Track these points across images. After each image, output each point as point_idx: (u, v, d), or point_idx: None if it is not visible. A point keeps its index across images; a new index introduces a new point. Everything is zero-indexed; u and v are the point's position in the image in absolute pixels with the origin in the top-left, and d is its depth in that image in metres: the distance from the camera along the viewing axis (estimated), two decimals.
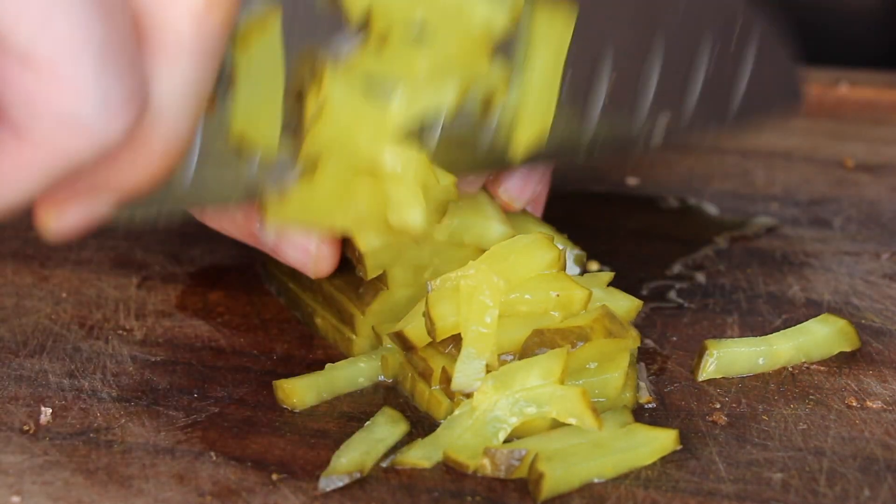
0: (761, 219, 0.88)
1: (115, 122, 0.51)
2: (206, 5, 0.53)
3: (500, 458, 0.62)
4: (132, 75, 0.52)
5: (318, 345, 0.73)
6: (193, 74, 0.54)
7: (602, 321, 0.66)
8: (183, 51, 0.53)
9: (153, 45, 0.53)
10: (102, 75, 0.50)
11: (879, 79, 1.09)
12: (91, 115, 0.51)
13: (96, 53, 0.50)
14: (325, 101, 0.65)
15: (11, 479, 0.62)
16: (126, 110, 0.52)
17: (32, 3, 0.49)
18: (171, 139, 0.55)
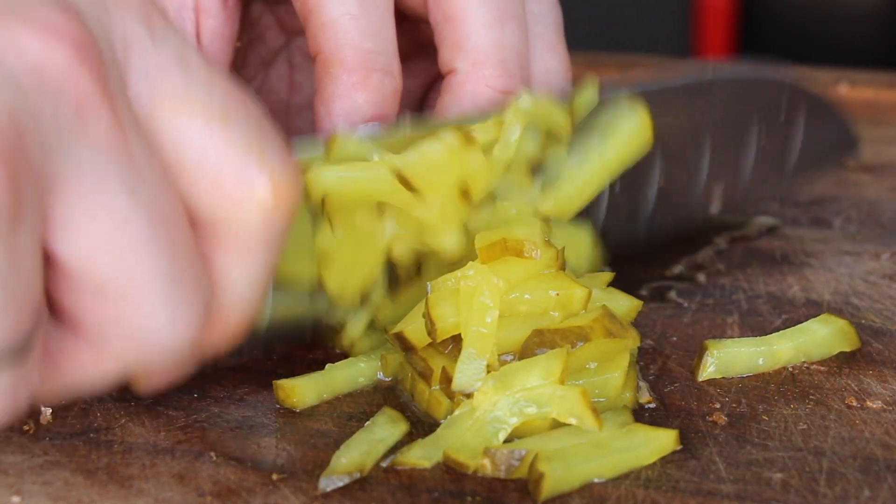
0: (761, 219, 0.88)
1: (181, 336, 0.56)
2: (274, 201, 0.57)
3: (500, 458, 0.62)
4: (198, 292, 0.56)
5: (318, 345, 0.73)
6: (263, 261, 0.59)
7: (602, 321, 0.66)
8: (254, 243, 0.58)
9: (226, 239, 0.58)
10: (169, 299, 0.55)
11: (879, 79, 1.09)
12: (159, 332, 0.55)
13: (163, 281, 0.55)
14: None
15: (11, 479, 0.62)
16: (192, 324, 0.56)
17: (104, 245, 0.53)
18: (242, 316, 0.60)
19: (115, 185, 0.54)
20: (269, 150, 0.58)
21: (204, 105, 0.57)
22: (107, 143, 0.54)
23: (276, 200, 0.58)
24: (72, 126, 0.53)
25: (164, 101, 0.57)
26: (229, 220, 0.58)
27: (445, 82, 0.75)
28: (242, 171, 0.58)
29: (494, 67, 0.73)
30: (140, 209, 0.54)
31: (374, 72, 0.72)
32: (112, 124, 0.54)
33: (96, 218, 0.53)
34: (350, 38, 0.72)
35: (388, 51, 0.73)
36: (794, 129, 0.82)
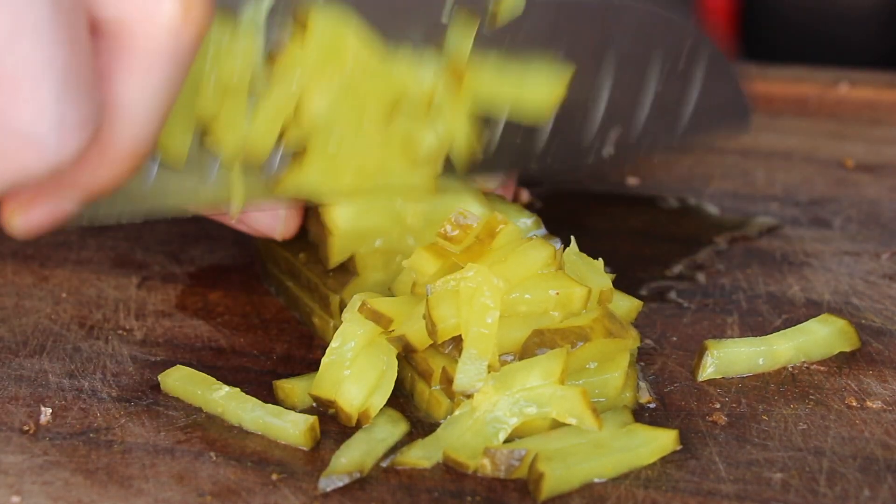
0: (761, 219, 0.88)
1: (69, 143, 0.54)
2: (183, 20, 0.55)
3: (500, 458, 0.62)
4: (89, 100, 0.54)
5: (318, 345, 0.73)
6: (164, 83, 0.56)
7: (602, 321, 0.66)
8: (157, 61, 0.56)
9: (127, 53, 0.55)
10: (60, 98, 0.53)
11: (879, 79, 1.09)
12: (46, 134, 0.53)
13: (57, 77, 0.52)
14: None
15: (11, 479, 0.62)
16: (80, 133, 0.54)
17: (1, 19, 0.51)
18: (137, 142, 0.57)
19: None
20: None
21: None
22: None
23: (185, 16, 0.56)
24: None
25: None
26: (135, 31, 0.55)
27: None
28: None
29: None
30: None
31: None
32: None
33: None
34: None
35: None
36: (691, 81, 0.81)
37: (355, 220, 0.72)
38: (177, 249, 0.84)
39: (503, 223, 0.66)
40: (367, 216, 0.72)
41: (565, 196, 0.91)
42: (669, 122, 0.82)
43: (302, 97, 0.68)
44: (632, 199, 0.92)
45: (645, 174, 0.95)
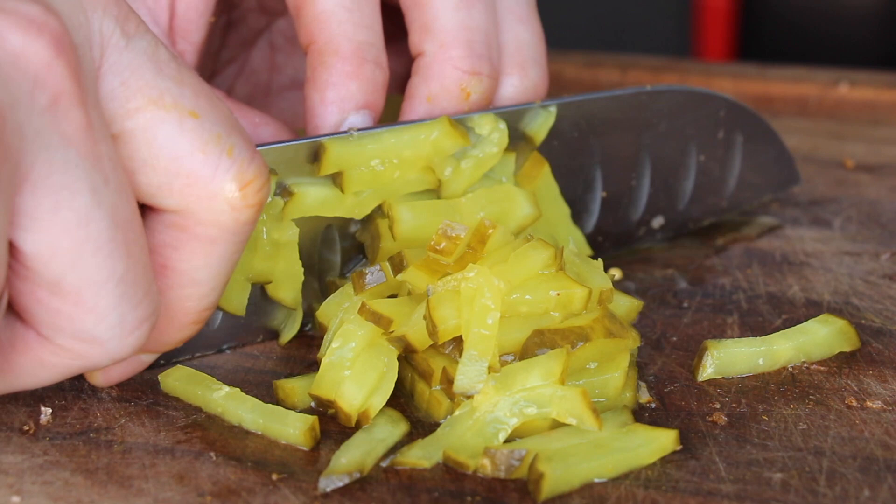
0: (761, 219, 0.88)
1: (127, 340, 0.59)
2: (242, 203, 0.61)
3: (500, 458, 0.62)
4: (147, 301, 0.59)
5: (318, 345, 0.73)
6: (225, 257, 0.62)
7: (602, 321, 0.66)
8: (218, 240, 0.62)
9: (192, 234, 0.61)
10: (120, 303, 0.58)
11: (879, 79, 1.09)
12: (106, 335, 0.58)
13: (116, 286, 0.57)
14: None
15: (11, 479, 0.62)
16: (139, 330, 0.59)
17: (65, 243, 0.55)
18: (201, 308, 0.64)
19: (80, 183, 0.56)
20: (238, 145, 0.61)
21: (175, 100, 0.60)
22: (77, 139, 0.56)
23: (244, 194, 0.61)
24: (46, 117, 0.55)
25: (137, 96, 0.59)
26: (198, 212, 0.61)
27: (415, 65, 0.76)
28: (214, 165, 0.60)
29: (461, 48, 0.75)
30: (101, 210, 0.56)
31: (367, 62, 0.74)
32: (83, 121, 0.56)
33: (59, 214, 0.55)
34: (344, 29, 0.74)
35: (378, 42, 0.75)
36: (733, 145, 0.85)
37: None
38: None
39: (492, 227, 0.66)
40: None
41: None
42: (716, 189, 0.85)
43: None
44: None
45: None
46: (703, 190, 0.84)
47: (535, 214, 0.75)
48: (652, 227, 0.84)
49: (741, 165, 0.85)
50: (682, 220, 0.85)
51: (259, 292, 0.73)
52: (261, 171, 0.62)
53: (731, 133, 0.84)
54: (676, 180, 0.83)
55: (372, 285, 0.69)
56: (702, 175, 0.84)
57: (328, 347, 0.67)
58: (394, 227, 0.72)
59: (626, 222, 0.83)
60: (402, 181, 0.73)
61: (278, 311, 0.74)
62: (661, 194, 0.83)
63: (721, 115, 0.83)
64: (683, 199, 0.84)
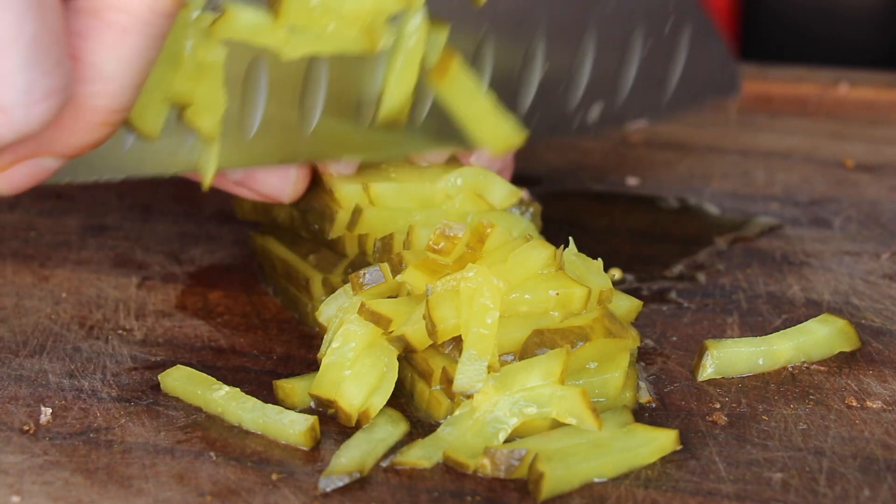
0: (761, 219, 0.88)
1: (37, 112, 0.55)
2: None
3: (500, 458, 0.62)
4: (59, 70, 0.55)
5: (318, 345, 0.73)
6: (140, 49, 0.58)
7: (602, 321, 0.66)
8: (133, 27, 0.57)
9: (104, 20, 0.56)
10: (28, 68, 0.54)
11: (879, 79, 1.09)
12: (14, 103, 0.54)
13: (25, 48, 0.54)
14: None
15: (11, 479, 0.62)
16: (49, 102, 0.55)
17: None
18: (112, 106, 0.59)
19: None
20: None
21: None
22: None
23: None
24: None
25: None
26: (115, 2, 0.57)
27: None
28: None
29: None
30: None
31: None
32: None
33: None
34: None
35: None
36: (675, 53, 0.82)
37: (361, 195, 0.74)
38: (177, 249, 0.84)
39: (490, 226, 0.66)
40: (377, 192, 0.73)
41: (565, 196, 0.91)
42: (656, 90, 0.83)
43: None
44: (632, 199, 0.92)
45: (645, 174, 0.95)
46: (644, 83, 0.82)
47: (514, 192, 0.74)
48: (588, 117, 0.81)
49: (684, 64, 0.83)
50: (620, 114, 0.82)
51: (175, 120, 0.69)
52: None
53: (679, 25, 0.81)
54: (618, 67, 0.80)
55: (371, 285, 0.69)
56: (645, 65, 0.81)
57: (328, 347, 0.67)
58: (412, 234, 0.71)
59: (563, 107, 0.80)
60: (337, 36, 0.71)
61: (194, 143, 0.70)
62: (602, 80, 0.80)
63: (671, 6, 0.81)
64: (624, 89, 0.81)
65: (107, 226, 0.86)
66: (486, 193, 0.75)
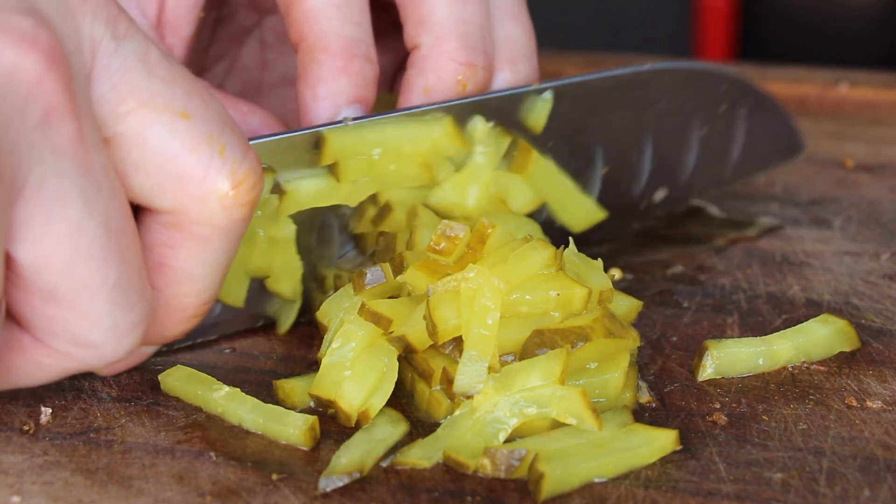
0: (761, 219, 0.88)
1: (121, 343, 0.60)
2: (235, 195, 0.62)
3: (500, 458, 0.62)
4: (140, 304, 0.60)
5: (318, 345, 0.73)
6: (221, 253, 0.64)
7: (602, 321, 0.66)
8: (214, 236, 0.63)
9: (187, 232, 0.62)
10: (113, 309, 0.59)
11: (879, 79, 1.09)
12: (101, 339, 0.59)
13: (110, 292, 0.58)
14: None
15: (11, 479, 0.62)
16: (132, 334, 0.60)
17: (58, 252, 0.56)
18: (200, 301, 0.65)
19: (72, 194, 0.56)
20: (230, 143, 0.62)
21: (166, 102, 0.60)
22: (69, 151, 0.56)
23: (236, 193, 0.62)
24: (39, 132, 0.55)
25: (128, 99, 0.59)
26: (192, 212, 0.61)
27: (410, 57, 0.77)
28: (205, 166, 0.61)
29: (456, 41, 0.76)
30: (94, 219, 0.57)
31: (357, 57, 0.75)
32: (75, 132, 0.56)
33: (53, 225, 0.56)
34: (333, 25, 0.75)
35: (367, 38, 0.76)
36: (735, 119, 0.85)
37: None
38: None
39: (491, 227, 0.66)
40: None
41: None
42: (718, 162, 0.86)
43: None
44: None
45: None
46: (706, 162, 0.85)
47: (535, 199, 0.76)
48: (654, 200, 0.84)
49: (744, 137, 0.86)
50: (685, 191, 0.85)
51: (258, 283, 0.74)
52: (253, 169, 0.62)
53: (733, 107, 0.84)
54: (678, 154, 0.84)
55: (372, 285, 0.69)
56: (704, 148, 0.84)
57: (328, 347, 0.67)
58: (415, 234, 0.72)
59: (628, 196, 0.83)
60: (398, 174, 0.73)
61: (276, 300, 0.75)
62: (663, 168, 0.83)
63: (722, 90, 0.84)
64: (686, 172, 0.85)
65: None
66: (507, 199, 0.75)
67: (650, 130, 0.82)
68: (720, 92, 0.84)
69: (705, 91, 0.83)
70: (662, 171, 0.84)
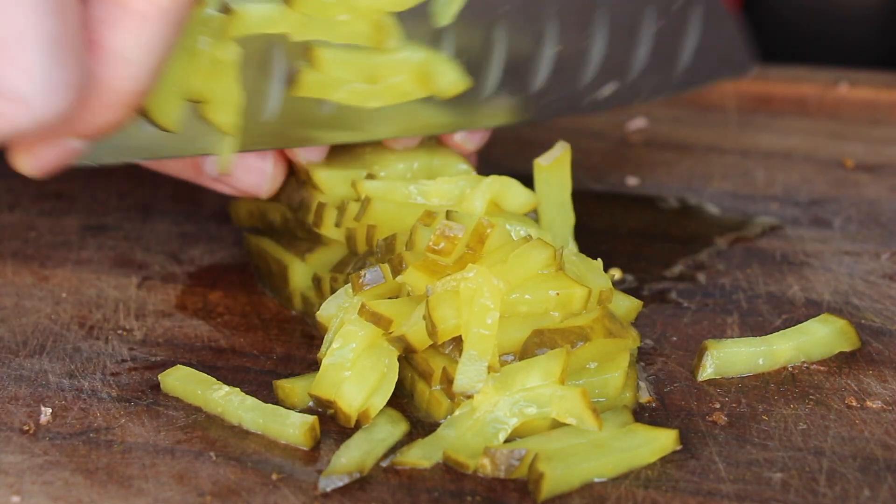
0: (761, 219, 0.88)
1: (56, 102, 0.57)
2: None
3: (500, 458, 0.62)
4: (77, 62, 0.58)
5: (318, 345, 0.73)
6: (159, 35, 0.61)
7: (602, 321, 0.66)
8: (153, 15, 0.60)
9: (128, 7, 0.60)
10: (47, 61, 0.57)
11: (879, 79, 1.09)
12: (34, 94, 0.57)
13: (44, 41, 0.56)
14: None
15: (11, 479, 0.62)
16: (67, 93, 0.58)
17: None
18: (131, 89, 0.61)
19: None
20: None
21: None
22: None
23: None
24: None
25: None
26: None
27: None
28: None
29: None
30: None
31: None
32: None
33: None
34: None
35: None
36: (685, 32, 0.84)
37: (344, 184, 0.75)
38: (177, 249, 0.84)
39: (490, 226, 0.66)
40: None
41: None
42: (667, 68, 0.84)
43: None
44: (632, 199, 0.92)
45: (645, 174, 0.95)
46: (656, 62, 0.84)
47: (532, 201, 0.75)
48: (601, 94, 0.83)
49: (696, 42, 0.85)
50: (633, 92, 0.84)
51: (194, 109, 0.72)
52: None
53: (688, 5, 0.84)
54: (629, 47, 0.82)
55: (371, 286, 0.69)
56: (655, 45, 0.83)
57: (328, 348, 0.67)
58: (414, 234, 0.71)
59: (575, 85, 0.82)
60: (348, 27, 0.73)
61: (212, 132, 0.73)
62: (614, 59, 0.82)
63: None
64: (636, 68, 0.83)
65: (107, 226, 0.86)
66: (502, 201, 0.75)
67: (604, 14, 0.81)
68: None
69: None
70: (612, 63, 0.82)
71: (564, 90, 0.81)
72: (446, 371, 0.65)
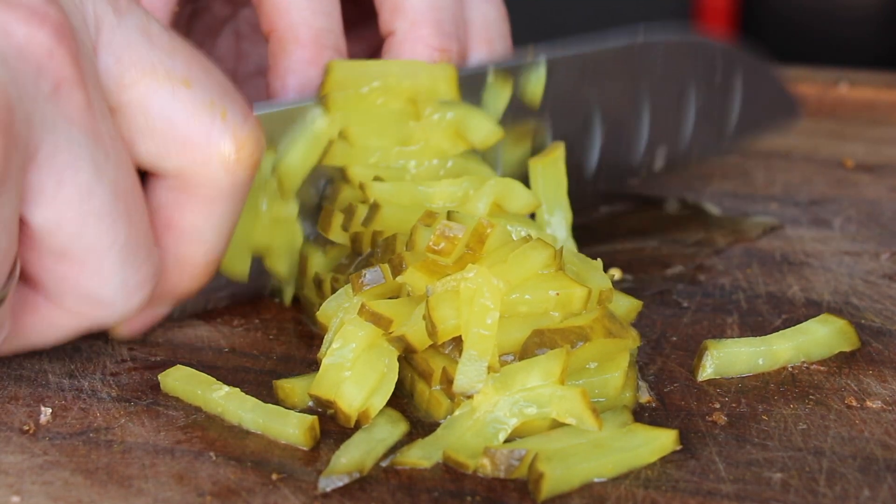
0: (761, 219, 0.88)
1: (132, 300, 0.64)
2: (237, 156, 0.65)
3: (500, 458, 0.62)
4: (148, 263, 0.64)
5: (318, 345, 0.73)
6: (225, 213, 0.67)
7: (602, 321, 0.66)
8: (219, 195, 0.66)
9: (192, 192, 0.65)
10: (122, 267, 0.63)
11: (879, 79, 1.09)
12: (112, 297, 0.63)
13: (118, 252, 0.62)
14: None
15: (11, 479, 0.62)
16: (142, 290, 0.64)
17: (69, 215, 0.60)
18: (208, 258, 0.68)
19: (83, 160, 0.60)
20: (231, 109, 0.65)
21: (167, 71, 0.64)
22: (79, 119, 0.60)
23: (238, 155, 0.65)
24: (51, 102, 0.59)
25: (131, 70, 0.63)
26: (196, 175, 0.65)
27: (386, 44, 0.79)
28: (207, 130, 0.64)
29: (431, 27, 0.78)
30: (103, 183, 0.60)
31: (327, 48, 0.77)
32: (84, 103, 0.60)
33: (64, 189, 0.59)
34: (303, 16, 0.77)
35: (337, 28, 0.78)
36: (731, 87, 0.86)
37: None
38: None
39: (490, 227, 0.66)
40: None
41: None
42: (716, 130, 0.88)
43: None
44: (632, 199, 0.92)
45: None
46: (704, 130, 0.86)
47: (535, 202, 0.76)
48: (654, 167, 0.86)
49: (741, 104, 0.86)
50: (684, 158, 0.86)
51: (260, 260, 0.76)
52: (253, 133, 0.65)
53: (728, 76, 0.86)
54: (676, 122, 0.85)
55: (371, 286, 0.69)
56: (701, 116, 0.86)
57: (328, 348, 0.67)
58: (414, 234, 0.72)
59: (628, 163, 0.84)
60: (382, 109, 0.75)
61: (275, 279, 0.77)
62: (661, 135, 0.84)
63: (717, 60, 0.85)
64: (684, 140, 0.86)
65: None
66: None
67: (647, 97, 0.83)
68: (715, 62, 0.84)
69: (700, 62, 0.84)
70: (660, 139, 0.84)
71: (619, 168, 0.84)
72: (446, 371, 0.65)
